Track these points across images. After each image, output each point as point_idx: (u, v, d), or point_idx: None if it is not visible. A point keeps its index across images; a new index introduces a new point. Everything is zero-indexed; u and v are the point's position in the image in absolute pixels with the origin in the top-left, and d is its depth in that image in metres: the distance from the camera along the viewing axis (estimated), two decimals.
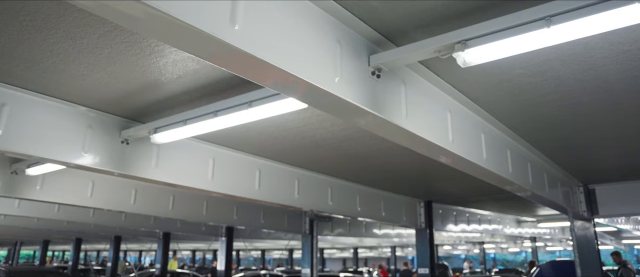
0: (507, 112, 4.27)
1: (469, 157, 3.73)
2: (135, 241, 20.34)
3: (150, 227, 11.88)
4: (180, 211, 8.50)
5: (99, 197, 7.31)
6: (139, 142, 4.79)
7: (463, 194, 9.23)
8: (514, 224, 14.98)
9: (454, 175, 7.14)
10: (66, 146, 4.26)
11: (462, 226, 11.54)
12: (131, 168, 4.72)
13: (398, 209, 8.73)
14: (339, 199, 7.10)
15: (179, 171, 5.09)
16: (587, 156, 5.91)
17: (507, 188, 5.01)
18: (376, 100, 2.85)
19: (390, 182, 7.71)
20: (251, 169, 5.84)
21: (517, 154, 5.05)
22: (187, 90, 3.95)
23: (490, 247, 31.93)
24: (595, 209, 7.81)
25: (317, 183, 6.81)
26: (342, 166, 6.44)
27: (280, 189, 6.15)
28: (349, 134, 4.96)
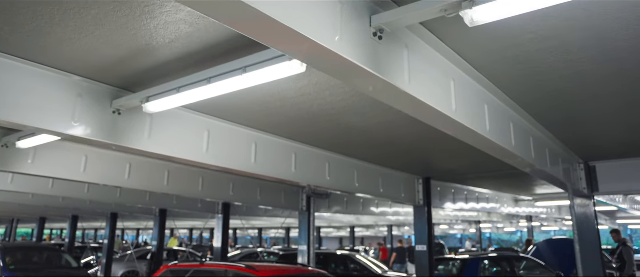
0: (511, 82, 4.13)
1: (472, 127, 3.61)
2: (132, 219, 20.32)
3: (146, 204, 11.79)
4: (176, 186, 8.39)
5: (93, 172, 7.18)
6: (131, 112, 4.64)
7: (462, 171, 9.14)
8: (511, 203, 14.98)
9: (453, 151, 7.04)
10: (55, 115, 4.11)
11: (461, 204, 11.49)
12: (123, 139, 4.58)
13: (396, 186, 8.63)
14: (337, 174, 6.99)
15: (172, 143, 4.96)
16: (589, 130, 5.79)
17: (509, 161, 4.89)
18: (378, 63, 2.71)
19: (389, 158, 7.59)
20: (247, 142, 5.70)
21: (520, 128, 4.92)
22: (180, 57, 3.79)
23: (487, 227, 32.12)
24: (596, 186, 7.76)
25: (315, 158, 6.69)
26: (341, 140, 6.31)
27: (277, 163, 6.02)
28: (347, 106, 4.82)
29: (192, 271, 6.71)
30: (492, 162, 7.89)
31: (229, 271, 6.12)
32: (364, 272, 12.54)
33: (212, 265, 6.97)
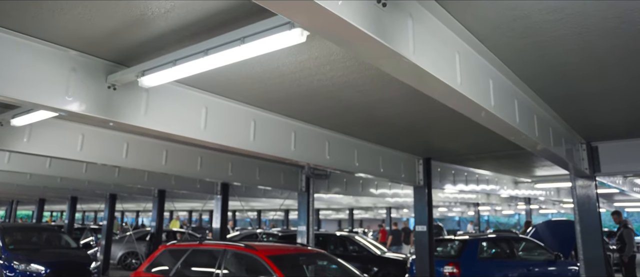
0: (517, 56, 4.01)
1: (478, 101, 3.51)
2: (131, 200, 20.30)
3: (145, 184, 11.73)
4: (174, 166, 8.31)
5: (89, 151, 7.09)
6: (126, 88, 4.53)
7: (463, 152, 9.06)
8: (511, 185, 14.95)
9: (454, 130, 6.95)
10: (47, 89, 3.99)
11: (461, 186, 11.45)
12: (119, 115, 4.47)
13: (397, 166, 8.56)
14: (336, 153, 6.90)
15: (169, 119, 4.86)
16: (593, 108, 5.68)
17: (514, 139, 4.81)
18: (383, 30, 2.60)
19: (390, 137, 7.50)
20: (246, 119, 5.60)
21: (524, 106, 4.82)
22: (176, 28, 3.66)
23: (485, 210, 32.23)
24: (597, 167, 7.69)
25: (314, 136, 6.59)
26: (341, 118, 6.20)
27: (276, 141, 5.92)
28: (348, 81, 4.71)
29: (190, 250, 6.67)
30: (493, 142, 7.83)
31: (228, 250, 6.08)
32: (363, 253, 12.56)
33: (210, 244, 6.94)
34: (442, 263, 9.48)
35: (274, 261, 5.50)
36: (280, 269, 5.34)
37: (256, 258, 5.72)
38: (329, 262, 6.63)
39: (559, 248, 10.68)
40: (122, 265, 16.84)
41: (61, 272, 10.43)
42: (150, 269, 6.85)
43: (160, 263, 6.84)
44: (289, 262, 5.93)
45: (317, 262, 6.65)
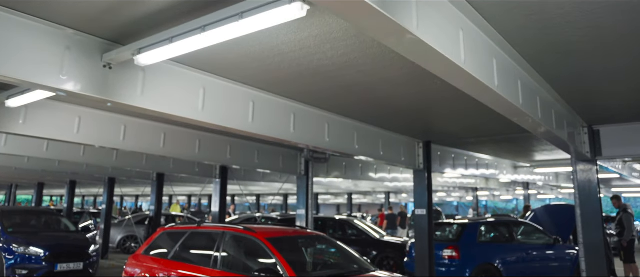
0: (521, 34, 3.92)
1: (482, 79, 3.43)
2: (130, 184, 20.27)
3: (143, 167, 11.68)
4: (172, 149, 8.24)
5: (87, 133, 7.02)
6: (122, 67, 4.44)
7: (463, 135, 9.00)
8: (510, 170, 14.93)
9: (455, 113, 6.88)
10: (41, 68, 3.90)
11: (460, 170, 11.41)
12: (115, 94, 4.39)
13: (397, 149, 8.50)
14: (336, 136, 6.83)
15: (167, 100, 4.77)
16: (597, 90, 5.60)
17: (517, 120, 4.73)
18: (386, 1, 2.50)
19: (390, 119, 7.42)
20: (244, 100, 5.51)
21: (527, 88, 4.75)
22: (172, 5, 3.56)
23: (483, 195, 32.29)
24: (599, 151, 7.64)
25: (314, 118, 6.52)
26: (341, 100, 6.11)
27: (276, 123, 5.84)
28: (349, 61, 4.61)
29: (188, 233, 6.63)
30: (494, 125, 7.77)
31: (227, 233, 6.03)
32: (362, 237, 12.57)
33: (209, 227, 6.89)
34: (442, 247, 9.48)
35: (273, 244, 5.45)
36: (279, 252, 5.29)
37: (255, 240, 5.68)
38: (328, 245, 6.60)
39: (558, 232, 10.69)
40: (121, 249, 16.89)
41: (60, 255, 10.42)
42: (149, 251, 6.81)
43: (159, 246, 6.80)
44: (288, 245, 5.90)
45: (317, 245, 6.62)
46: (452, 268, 9.28)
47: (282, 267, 5.08)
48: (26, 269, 9.96)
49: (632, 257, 11.09)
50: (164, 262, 6.36)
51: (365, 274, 5.64)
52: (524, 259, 9.95)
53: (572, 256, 10.40)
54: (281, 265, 5.11)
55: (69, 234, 12.07)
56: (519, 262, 9.84)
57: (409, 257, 10.33)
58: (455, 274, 9.16)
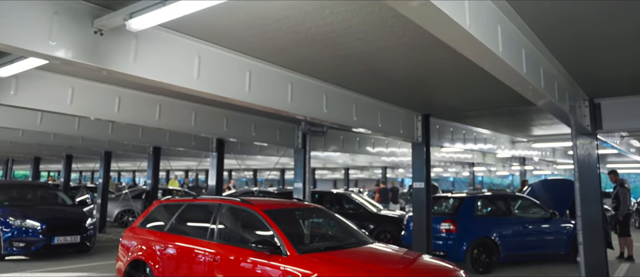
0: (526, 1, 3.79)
1: (487, 44, 3.31)
2: (126, 159, 20.21)
3: (139, 141, 11.58)
4: (168, 121, 8.12)
5: (80, 105, 6.89)
6: (114, 33, 4.29)
7: (462, 108, 8.89)
8: (508, 145, 14.90)
9: (455, 84, 6.76)
10: (28, 33, 3.75)
11: (459, 144, 11.36)
12: (107, 61, 4.25)
13: (395, 121, 8.40)
14: (334, 107, 6.72)
15: (161, 68, 4.64)
16: (600, 60, 5.48)
17: (520, 89, 4.63)
18: None
19: (389, 91, 7.30)
20: (241, 69, 5.38)
21: (530, 57, 4.63)
22: None
23: (480, 171, 32.39)
24: (599, 124, 7.58)
25: (312, 89, 6.39)
26: (339, 70, 5.98)
27: (273, 93, 5.72)
28: (348, 27, 4.47)
29: (184, 205, 6.57)
30: (494, 97, 7.67)
31: (223, 205, 5.97)
32: (359, 211, 12.59)
33: (205, 199, 6.84)
34: (439, 220, 9.49)
35: (270, 215, 5.39)
36: (277, 223, 5.24)
37: (252, 212, 5.63)
38: (326, 217, 6.56)
39: (555, 206, 10.71)
40: (118, 222, 16.94)
41: (57, 228, 10.41)
42: (145, 224, 6.77)
43: (155, 218, 6.75)
44: (286, 217, 5.85)
45: (314, 217, 6.58)
46: (449, 241, 9.30)
47: (280, 239, 5.04)
48: (23, 241, 9.96)
49: (628, 231, 11.17)
50: (160, 234, 6.32)
51: (364, 246, 5.62)
52: (521, 232, 9.98)
53: (569, 229, 10.45)
54: (278, 236, 5.07)
55: (66, 208, 12.05)
56: (516, 236, 9.87)
57: (407, 230, 10.35)
58: (453, 247, 9.18)
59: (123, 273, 6.52)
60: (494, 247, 9.42)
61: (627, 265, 10.45)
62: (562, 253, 10.33)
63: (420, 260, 5.43)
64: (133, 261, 6.42)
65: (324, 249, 5.29)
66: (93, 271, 8.87)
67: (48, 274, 8.53)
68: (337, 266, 4.65)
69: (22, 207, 10.92)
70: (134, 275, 6.42)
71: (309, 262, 4.74)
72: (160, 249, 6.11)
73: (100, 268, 9.19)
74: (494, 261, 9.38)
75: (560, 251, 10.32)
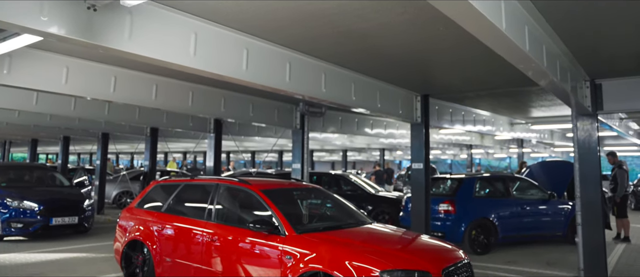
0: None
1: (489, 18, 3.23)
2: (124, 140, 20.14)
3: (136, 122, 11.49)
4: (165, 101, 8.03)
5: (75, 84, 6.79)
6: (108, 9, 4.17)
7: (462, 88, 8.81)
8: (506, 127, 14.87)
9: (456, 61, 6.66)
10: (19, 7, 3.64)
11: (458, 125, 11.30)
12: (101, 38, 4.15)
13: (394, 102, 8.32)
14: (333, 86, 6.63)
15: (156, 45, 4.53)
16: (603, 35, 5.35)
17: (521, 67, 4.55)
18: None
19: (388, 70, 7.20)
20: (238, 47, 5.28)
21: (533, 35, 4.53)
22: None
23: (477, 153, 32.43)
24: (600, 105, 7.51)
25: (310, 68, 6.30)
26: (338, 47, 5.87)
27: (271, 72, 5.63)
28: (348, 3, 4.36)
29: (182, 186, 6.53)
30: (495, 76, 7.59)
31: (221, 185, 5.93)
32: (357, 192, 12.59)
33: (203, 179, 6.80)
34: (438, 201, 9.48)
35: (268, 195, 5.36)
36: (275, 203, 5.21)
37: (250, 192, 5.59)
38: (324, 197, 6.53)
39: (553, 188, 10.71)
40: (117, 204, 16.96)
41: (55, 209, 10.40)
42: (142, 204, 6.74)
43: (152, 199, 6.72)
44: (284, 197, 5.81)
45: (312, 197, 6.55)
46: (447, 222, 9.31)
47: (278, 219, 5.01)
48: (21, 222, 9.96)
49: (625, 212, 11.22)
50: (158, 214, 6.29)
51: (362, 226, 5.60)
52: (519, 213, 10.00)
53: (566, 211, 10.47)
54: (277, 216, 5.04)
55: (63, 189, 12.03)
56: (514, 217, 9.89)
57: (405, 211, 10.35)
58: (451, 228, 9.20)
59: (121, 254, 6.51)
60: (492, 228, 9.44)
61: (624, 245, 10.51)
62: (560, 234, 10.36)
63: (420, 240, 5.41)
64: (131, 242, 6.41)
65: (322, 229, 5.27)
66: (91, 252, 8.87)
67: (46, 255, 8.53)
68: (336, 246, 4.63)
69: (20, 189, 10.90)
70: (131, 255, 6.42)
71: (307, 242, 4.72)
72: (157, 230, 6.08)
73: (98, 249, 9.19)
74: (492, 242, 9.41)
75: (558, 232, 10.36)
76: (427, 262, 4.42)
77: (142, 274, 6.19)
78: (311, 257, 4.53)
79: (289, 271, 4.59)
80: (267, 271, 4.80)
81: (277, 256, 4.75)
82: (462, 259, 4.80)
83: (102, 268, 7.43)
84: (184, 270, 5.62)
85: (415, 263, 4.37)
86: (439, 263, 4.46)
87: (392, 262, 4.29)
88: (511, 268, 7.97)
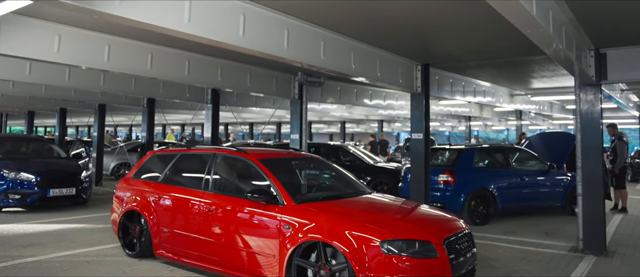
0: None
1: None
2: (122, 112, 19.97)
3: (133, 92, 11.33)
4: (160, 70, 7.86)
5: (67, 53, 6.63)
6: None
7: (463, 57, 8.64)
8: (506, 98, 14.74)
9: (459, 27, 6.47)
10: None
11: (458, 96, 11.18)
12: (91, 2, 3.98)
13: (394, 71, 8.17)
14: (332, 54, 6.46)
15: (149, 9, 4.35)
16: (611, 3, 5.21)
17: (528, 33, 4.39)
18: None
19: (389, 37, 7.02)
20: (234, 12, 5.10)
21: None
22: None
23: (476, 125, 32.34)
24: (604, 74, 7.38)
25: (309, 34, 6.12)
26: (337, 13, 5.68)
27: (268, 38, 5.46)
28: None
29: (178, 155, 6.44)
30: (497, 43, 7.42)
31: (218, 154, 5.84)
32: (356, 162, 12.55)
33: (199, 149, 6.72)
34: (437, 172, 9.44)
35: (266, 165, 5.27)
36: (273, 173, 5.12)
37: (247, 162, 5.50)
38: (323, 167, 6.46)
39: (552, 159, 10.67)
40: (115, 176, 16.94)
41: (52, 180, 10.35)
42: (139, 175, 6.66)
43: (149, 169, 6.64)
44: (282, 166, 5.73)
45: (311, 166, 6.47)
46: (447, 193, 9.28)
47: (276, 188, 4.93)
48: (19, 194, 9.94)
49: (623, 184, 11.24)
50: (155, 185, 6.22)
51: (362, 196, 5.54)
52: (518, 184, 9.98)
53: (565, 182, 10.45)
54: (275, 186, 4.96)
55: (60, 161, 11.97)
56: (513, 188, 9.87)
57: (404, 182, 10.32)
58: (450, 199, 9.17)
59: (118, 224, 6.47)
60: (491, 199, 9.43)
61: (621, 216, 10.56)
62: (558, 205, 10.37)
63: (420, 209, 5.36)
64: (127, 212, 6.36)
65: (321, 198, 5.21)
66: (89, 223, 8.85)
67: (44, 226, 8.50)
68: (335, 216, 4.57)
69: (16, 160, 10.84)
70: (128, 226, 6.38)
71: (306, 211, 4.66)
72: (154, 200, 6.02)
73: (95, 220, 9.17)
74: (491, 212, 9.41)
75: (557, 203, 10.36)
76: (428, 232, 4.37)
77: (140, 244, 6.16)
78: (310, 227, 4.47)
79: (287, 241, 4.54)
80: (266, 241, 4.75)
81: (275, 226, 4.69)
82: (463, 229, 4.75)
83: (100, 239, 7.41)
84: (182, 240, 5.58)
85: (416, 233, 4.31)
86: (440, 233, 4.41)
87: (392, 231, 4.24)
88: (510, 238, 7.97)
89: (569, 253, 6.96)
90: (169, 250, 5.76)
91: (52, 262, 6.03)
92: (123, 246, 6.40)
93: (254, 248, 4.84)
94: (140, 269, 5.73)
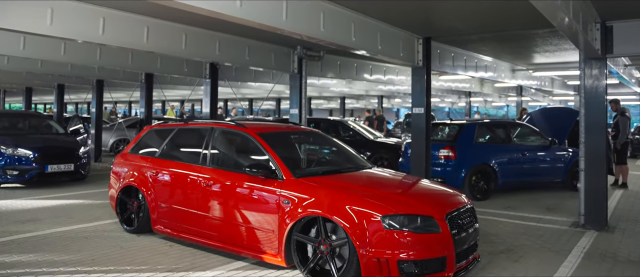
0: None
1: None
2: (120, 88, 19.82)
3: (130, 67, 11.17)
4: (157, 43, 7.69)
5: (61, 26, 6.44)
6: None
7: (465, 30, 8.46)
8: (508, 73, 14.55)
9: None
10: None
11: (459, 70, 11.02)
12: None
13: (395, 44, 8.00)
14: (332, 26, 6.29)
15: None
16: None
17: (534, 1, 4.25)
18: None
19: (390, 8, 6.80)
20: None
21: None
22: None
23: (476, 101, 32.15)
24: (610, 48, 7.23)
25: (308, 6, 5.94)
26: None
27: (267, 9, 5.29)
28: None
29: (176, 130, 6.35)
30: (501, 14, 7.25)
31: (216, 128, 5.74)
32: (356, 138, 12.47)
33: (197, 123, 6.63)
34: (438, 147, 9.36)
35: (265, 138, 5.17)
36: (271, 147, 5.03)
37: (245, 136, 5.40)
38: (323, 141, 6.37)
39: (554, 135, 10.58)
40: (114, 152, 16.88)
41: (50, 156, 10.29)
42: (137, 150, 6.57)
43: (146, 144, 6.55)
44: (281, 140, 5.63)
45: (311, 141, 6.38)
46: (447, 168, 9.22)
47: (275, 163, 4.85)
48: (17, 169, 9.90)
49: (625, 159, 11.21)
50: (152, 160, 6.14)
51: (362, 170, 5.46)
52: (519, 160, 9.92)
53: (566, 157, 10.38)
54: (273, 160, 4.88)
55: (58, 137, 11.90)
56: (514, 163, 9.81)
57: (404, 157, 10.25)
58: (451, 174, 9.11)
59: (115, 200, 6.42)
60: (492, 174, 9.37)
61: (622, 191, 10.54)
62: (559, 180, 10.33)
63: (421, 184, 5.29)
64: (125, 187, 6.30)
65: (321, 173, 5.13)
66: (87, 198, 8.81)
67: (43, 201, 8.47)
68: (336, 190, 4.50)
69: (13, 136, 10.76)
70: (126, 201, 6.32)
71: (306, 186, 4.58)
72: (152, 175, 5.95)
73: (94, 195, 9.13)
74: (492, 187, 9.37)
75: (557, 178, 10.31)
76: (429, 207, 4.30)
77: (138, 219, 6.12)
78: (310, 201, 4.40)
79: (287, 216, 4.48)
80: (265, 216, 4.69)
81: (274, 200, 4.62)
82: (465, 203, 4.68)
83: (98, 214, 7.37)
84: (180, 215, 5.53)
85: (417, 208, 4.24)
86: (442, 208, 4.34)
87: (393, 206, 4.17)
88: (511, 213, 7.94)
89: (570, 228, 6.93)
90: (167, 225, 5.71)
91: (50, 237, 5.99)
92: (121, 221, 6.36)
93: (253, 223, 4.79)
94: (138, 245, 5.70)
